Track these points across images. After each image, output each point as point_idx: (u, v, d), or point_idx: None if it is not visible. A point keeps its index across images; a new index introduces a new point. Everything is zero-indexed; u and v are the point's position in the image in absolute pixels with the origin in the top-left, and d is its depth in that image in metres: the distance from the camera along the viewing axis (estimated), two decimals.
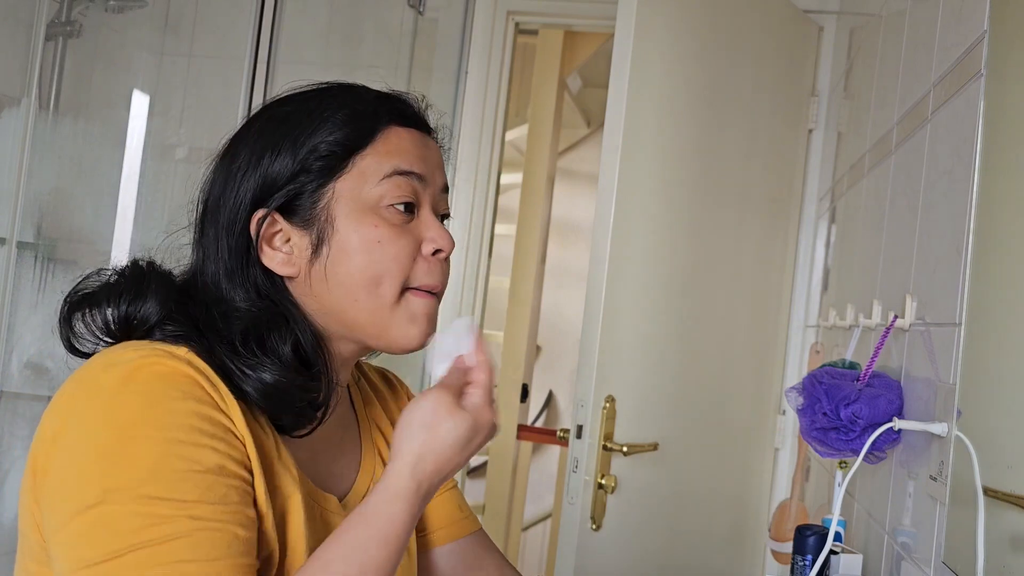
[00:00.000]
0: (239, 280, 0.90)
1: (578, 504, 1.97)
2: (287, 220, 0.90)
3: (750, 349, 2.49)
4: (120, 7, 2.65)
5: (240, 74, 2.42)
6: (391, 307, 0.90)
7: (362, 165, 0.91)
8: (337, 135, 0.91)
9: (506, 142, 2.97)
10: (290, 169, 0.90)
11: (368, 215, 0.90)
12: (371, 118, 0.93)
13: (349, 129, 0.91)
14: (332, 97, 0.95)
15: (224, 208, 0.91)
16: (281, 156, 0.90)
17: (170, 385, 0.79)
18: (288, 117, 0.93)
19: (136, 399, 0.78)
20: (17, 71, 2.34)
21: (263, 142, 0.92)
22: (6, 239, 2.33)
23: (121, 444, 0.76)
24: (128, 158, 2.56)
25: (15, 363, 2.39)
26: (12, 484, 2.34)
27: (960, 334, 1.10)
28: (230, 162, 0.93)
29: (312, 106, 0.93)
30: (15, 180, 2.32)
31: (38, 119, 2.40)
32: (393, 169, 0.91)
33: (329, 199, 0.90)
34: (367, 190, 0.90)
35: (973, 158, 1.12)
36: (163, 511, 0.75)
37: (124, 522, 0.74)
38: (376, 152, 0.92)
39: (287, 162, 0.90)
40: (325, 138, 0.90)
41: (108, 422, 0.77)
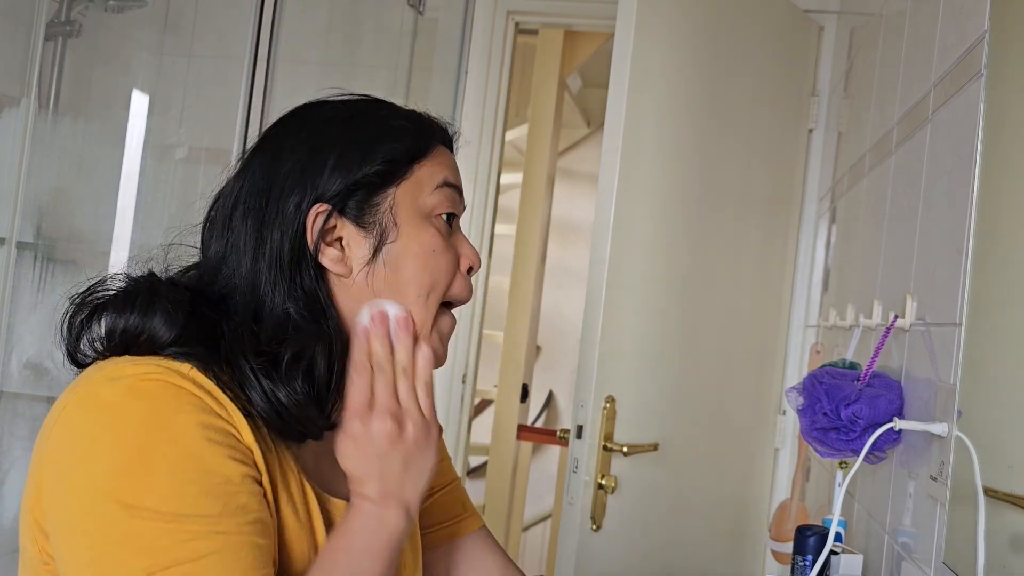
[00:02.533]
0: (284, 279, 0.88)
1: (578, 504, 1.97)
2: (350, 221, 0.90)
3: (750, 349, 2.49)
4: (120, 7, 2.65)
5: (240, 74, 2.42)
6: (432, 318, 0.92)
7: (419, 174, 0.93)
8: (404, 142, 0.93)
9: (506, 142, 2.97)
10: (355, 170, 0.90)
11: (426, 223, 0.92)
12: (427, 132, 0.96)
13: (411, 138, 0.93)
14: (387, 108, 0.97)
15: (272, 204, 0.90)
16: (346, 157, 0.90)
17: (174, 398, 0.79)
18: (349, 120, 0.93)
19: (142, 414, 0.77)
20: (17, 71, 2.34)
21: (323, 141, 0.91)
22: (6, 239, 2.33)
23: (136, 462, 0.76)
24: (128, 158, 2.56)
25: (15, 363, 2.39)
26: (12, 484, 2.33)
27: (960, 334, 1.10)
28: (273, 158, 0.92)
29: (373, 113, 0.95)
30: (15, 180, 2.32)
31: (38, 119, 2.40)
32: (444, 180, 0.94)
33: (390, 203, 0.91)
34: (423, 198, 0.92)
35: (973, 158, 1.12)
36: (190, 528, 0.75)
37: (154, 541, 0.74)
38: (432, 164, 0.94)
39: (353, 163, 0.90)
40: (391, 143, 0.92)
41: (118, 439, 0.76)
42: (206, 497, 0.76)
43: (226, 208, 0.92)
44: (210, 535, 0.75)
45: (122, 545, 0.74)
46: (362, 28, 2.87)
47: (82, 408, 0.79)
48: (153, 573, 0.73)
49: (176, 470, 0.76)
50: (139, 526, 0.74)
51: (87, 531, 0.75)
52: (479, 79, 2.78)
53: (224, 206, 0.93)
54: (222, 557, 0.75)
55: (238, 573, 0.76)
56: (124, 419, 0.77)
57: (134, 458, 0.76)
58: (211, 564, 0.75)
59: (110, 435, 0.77)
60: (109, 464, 0.76)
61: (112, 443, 0.76)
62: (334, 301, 0.90)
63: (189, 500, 0.76)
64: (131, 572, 0.73)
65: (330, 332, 0.88)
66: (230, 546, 0.76)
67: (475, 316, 2.78)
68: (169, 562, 0.74)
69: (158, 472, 0.76)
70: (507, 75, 2.81)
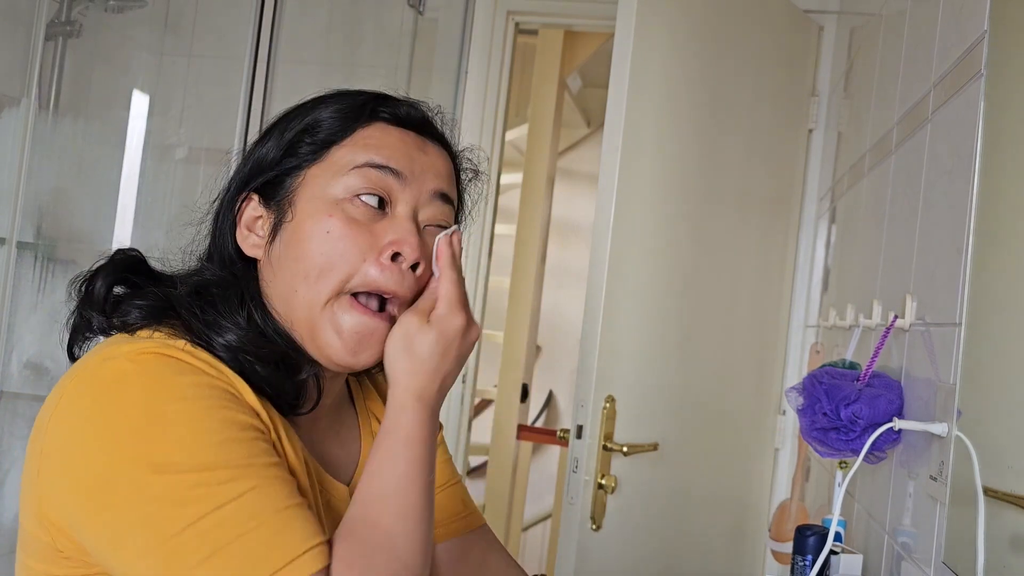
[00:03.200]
0: (221, 259, 0.94)
1: (578, 504, 1.97)
2: (264, 205, 0.93)
3: (750, 349, 2.49)
4: (120, 7, 2.65)
5: (240, 74, 2.42)
6: (322, 306, 0.88)
7: (336, 156, 0.91)
8: (322, 126, 0.92)
9: (506, 142, 2.97)
10: (274, 153, 0.92)
11: (327, 205, 0.89)
12: (355, 113, 0.93)
13: (333, 122, 0.92)
14: (332, 96, 0.96)
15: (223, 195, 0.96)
16: (270, 142, 0.93)
17: (173, 364, 0.80)
18: (290, 112, 0.96)
19: (144, 380, 0.78)
20: (17, 71, 2.34)
21: (262, 134, 0.96)
22: (6, 239, 2.33)
23: (151, 422, 0.76)
24: (128, 158, 2.56)
25: (15, 363, 2.39)
26: (12, 484, 2.33)
27: (960, 334, 1.10)
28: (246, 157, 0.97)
29: (312, 102, 0.95)
30: (15, 180, 2.32)
31: (38, 119, 2.40)
32: (365, 161, 0.90)
33: (295, 185, 0.91)
34: (335, 181, 0.89)
35: (973, 158, 1.12)
36: (222, 473, 0.75)
37: (190, 491, 0.74)
38: (353, 144, 0.91)
39: (273, 147, 0.93)
40: (310, 126, 0.92)
41: (125, 407, 0.77)
42: (228, 443, 0.77)
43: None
44: (243, 475, 0.76)
45: (161, 503, 0.74)
46: (362, 28, 2.87)
47: (81, 389, 0.80)
48: (200, 519, 0.73)
49: (192, 423, 0.77)
50: (172, 480, 0.74)
51: (120, 501, 0.75)
52: (479, 79, 2.78)
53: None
54: (260, 492, 0.76)
55: (279, 503, 0.76)
56: (127, 388, 0.78)
57: (147, 420, 0.76)
58: (251, 500, 0.75)
59: (116, 406, 0.77)
60: (123, 431, 0.76)
61: (121, 412, 0.77)
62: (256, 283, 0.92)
63: (213, 449, 0.76)
64: (178, 525, 0.73)
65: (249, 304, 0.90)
66: (264, 480, 0.77)
67: (475, 316, 2.78)
68: (212, 507, 0.74)
69: (175, 427, 0.76)
70: (507, 75, 2.81)
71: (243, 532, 0.73)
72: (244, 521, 0.74)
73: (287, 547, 0.74)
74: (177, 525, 0.73)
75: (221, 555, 0.73)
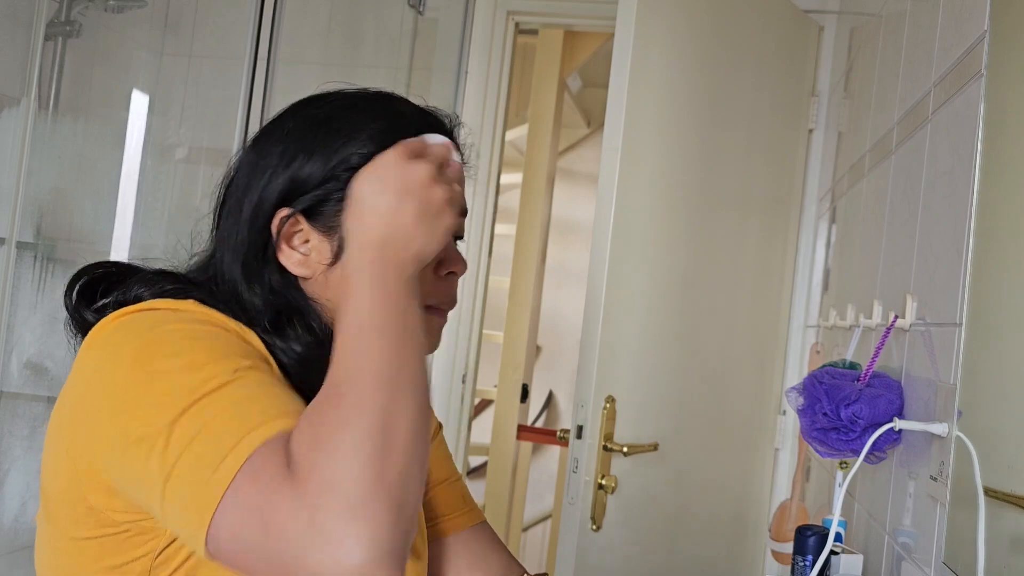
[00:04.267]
0: (253, 275, 0.90)
1: (578, 504, 1.97)
2: (309, 223, 0.90)
3: (750, 349, 2.49)
4: (120, 7, 2.65)
5: (240, 74, 2.42)
6: None
7: None
8: (370, 147, 0.89)
9: (506, 142, 2.97)
10: (320, 174, 0.89)
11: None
12: (403, 133, 0.91)
13: (381, 142, 0.89)
14: (371, 107, 0.94)
15: (248, 201, 0.91)
16: (313, 160, 0.90)
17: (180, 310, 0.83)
18: (326, 121, 0.92)
19: (149, 319, 0.81)
20: (17, 71, 2.34)
21: (297, 142, 0.91)
22: (6, 239, 2.33)
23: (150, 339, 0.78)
24: (128, 158, 2.56)
25: (15, 363, 2.38)
26: (12, 484, 2.33)
27: (960, 334, 1.10)
28: (258, 156, 0.93)
29: (350, 115, 0.92)
30: (15, 180, 2.32)
31: (38, 119, 2.40)
32: None
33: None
34: None
35: (973, 158, 1.12)
36: (212, 370, 0.75)
37: (182, 385, 0.74)
38: None
39: (318, 167, 0.89)
40: (358, 150, 0.89)
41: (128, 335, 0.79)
42: (223, 349, 0.78)
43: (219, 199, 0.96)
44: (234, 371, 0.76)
45: (156, 401, 0.74)
46: (362, 28, 2.87)
47: (92, 342, 0.83)
48: (190, 407, 0.73)
49: (190, 334, 0.79)
50: (168, 378, 0.75)
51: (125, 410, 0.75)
52: (479, 79, 2.78)
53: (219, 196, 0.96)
54: (249, 379, 0.76)
55: (277, 388, 0.77)
56: (133, 327, 0.81)
57: (146, 339, 0.79)
58: (243, 384, 0.75)
59: (119, 338, 0.80)
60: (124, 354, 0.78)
61: (122, 341, 0.79)
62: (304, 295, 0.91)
63: (205, 352, 0.77)
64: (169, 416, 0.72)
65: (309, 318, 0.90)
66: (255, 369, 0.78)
67: (475, 316, 2.78)
68: (201, 395, 0.73)
69: (171, 339, 0.78)
70: (507, 75, 2.81)
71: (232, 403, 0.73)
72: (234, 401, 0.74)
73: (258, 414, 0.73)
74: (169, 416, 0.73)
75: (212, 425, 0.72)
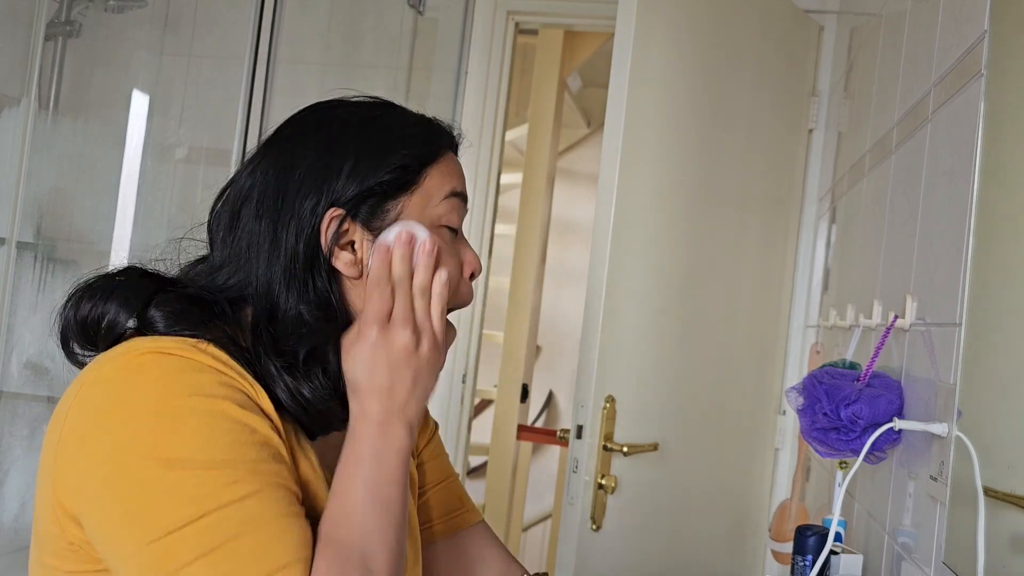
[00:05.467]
0: (297, 281, 0.89)
1: (578, 504, 1.97)
2: (362, 226, 0.91)
3: (750, 349, 2.49)
4: (120, 7, 2.65)
5: (240, 74, 2.42)
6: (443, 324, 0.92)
7: (429, 182, 0.94)
8: (415, 148, 0.93)
9: (506, 142, 2.97)
10: (370, 176, 0.91)
11: (432, 230, 0.93)
12: (437, 138, 0.97)
13: (422, 145, 0.94)
14: (399, 113, 0.98)
15: (287, 206, 0.90)
16: (361, 162, 0.91)
17: (192, 362, 0.81)
18: (365, 125, 0.94)
19: (161, 373, 0.79)
20: (17, 71, 2.34)
21: (339, 145, 0.92)
22: (6, 239, 2.33)
23: (164, 416, 0.77)
24: (128, 158, 2.56)
25: (15, 363, 2.38)
26: (12, 484, 2.33)
27: (960, 334, 1.10)
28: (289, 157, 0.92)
29: (387, 118, 0.96)
30: (15, 180, 2.32)
31: (38, 119, 2.40)
32: (451, 190, 0.95)
33: (400, 210, 0.92)
34: (431, 207, 0.94)
35: (973, 158, 1.12)
36: (229, 472, 0.77)
37: (197, 488, 0.75)
38: (440, 172, 0.95)
39: (368, 169, 0.91)
40: (404, 151, 0.93)
41: (141, 400, 0.78)
42: (238, 445, 0.78)
43: (236, 202, 0.93)
44: (248, 478, 0.77)
45: (167, 497, 0.75)
46: (362, 28, 2.87)
47: (99, 383, 0.81)
48: (201, 518, 0.75)
49: (205, 420, 0.78)
50: (180, 477, 0.76)
51: (128, 493, 0.76)
52: (479, 79, 2.78)
53: (234, 200, 0.93)
54: (263, 497, 0.77)
55: (280, 511, 0.78)
56: (144, 381, 0.79)
57: (161, 413, 0.77)
58: (253, 505, 0.76)
59: (132, 397, 0.78)
60: (137, 423, 0.77)
61: (136, 404, 0.78)
62: (345, 300, 0.92)
63: (223, 448, 0.77)
64: (179, 520, 0.75)
65: (340, 330, 0.90)
66: (269, 487, 0.78)
67: (475, 316, 2.78)
68: (215, 506, 0.75)
69: (188, 423, 0.77)
70: (507, 75, 2.81)
71: (239, 534, 0.75)
72: (242, 523, 0.75)
73: (276, 555, 0.76)
74: (179, 520, 0.75)
75: (214, 555, 0.74)
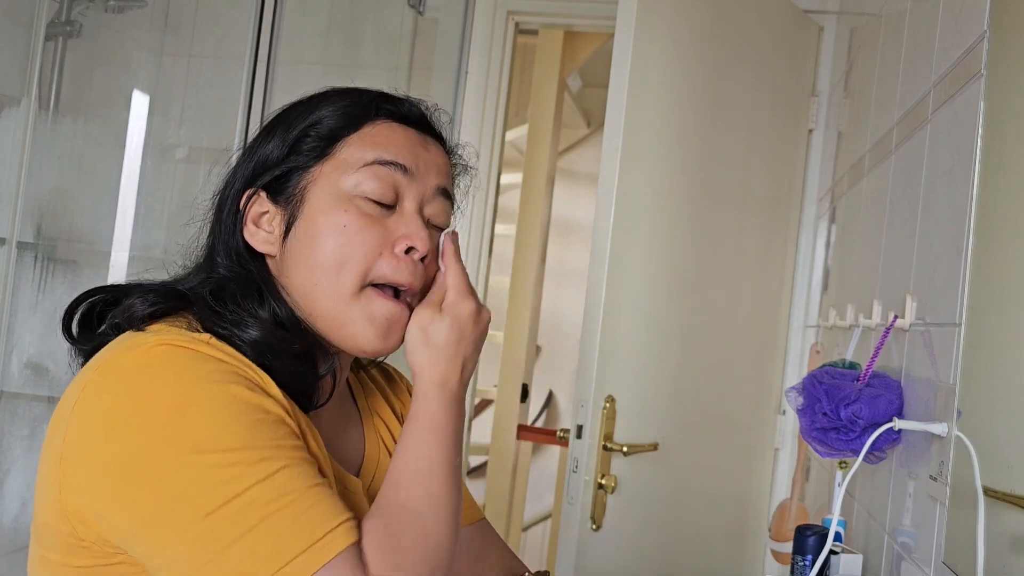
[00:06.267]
0: (229, 255, 0.94)
1: (578, 504, 1.97)
2: (272, 201, 0.94)
3: (750, 349, 2.49)
4: (120, 7, 2.65)
5: (240, 74, 2.42)
6: (349, 298, 0.90)
7: (345, 153, 0.93)
8: (327, 122, 0.94)
9: (506, 142, 2.97)
10: (279, 151, 0.94)
11: (340, 201, 0.91)
12: (362, 110, 0.95)
13: (339, 118, 0.94)
14: (335, 94, 0.98)
15: (225, 192, 0.97)
16: (273, 139, 0.95)
17: (199, 354, 0.82)
18: (290, 109, 0.98)
19: (172, 364, 0.80)
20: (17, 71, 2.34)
21: (263, 131, 0.97)
22: (6, 239, 2.33)
23: (185, 405, 0.78)
24: (128, 158, 2.56)
25: (15, 363, 2.38)
26: (12, 484, 2.33)
27: (960, 334, 1.10)
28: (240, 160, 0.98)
29: (313, 100, 0.97)
30: (15, 180, 2.32)
31: (38, 119, 2.40)
32: (375, 158, 0.93)
33: (307, 182, 0.93)
34: (345, 177, 0.92)
35: (973, 158, 1.12)
36: (255, 453, 0.77)
37: (228, 469, 0.76)
38: (361, 141, 0.94)
39: (277, 144, 0.94)
40: (314, 123, 0.94)
41: (156, 393, 0.78)
42: (259, 427, 0.79)
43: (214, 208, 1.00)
44: (273, 455, 0.78)
45: (199, 484, 0.76)
46: (362, 28, 2.87)
47: (106, 377, 0.81)
48: (236, 497, 0.75)
49: (222, 404, 0.79)
50: (207, 460, 0.76)
51: (154, 483, 0.76)
52: (479, 79, 2.78)
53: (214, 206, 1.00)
54: (289, 471, 0.78)
55: (307, 481, 0.78)
56: (154, 374, 0.79)
57: (181, 403, 0.78)
58: (281, 479, 0.77)
59: (145, 391, 0.79)
60: (155, 414, 0.77)
61: (150, 396, 0.78)
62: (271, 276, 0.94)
63: (244, 429, 0.78)
64: (215, 503, 0.75)
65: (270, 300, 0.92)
66: (292, 460, 0.79)
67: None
68: (245, 486, 0.76)
69: (202, 411, 0.78)
70: (507, 75, 2.81)
71: (275, 510, 0.76)
72: (276, 499, 0.76)
73: (318, 523, 0.76)
74: (212, 504, 0.75)
75: (255, 532, 0.75)
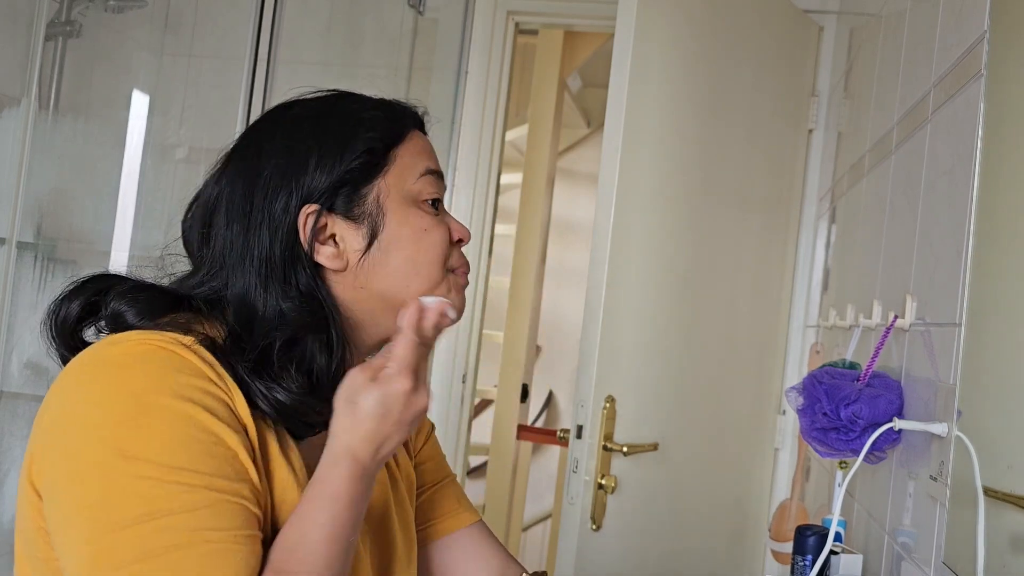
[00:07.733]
0: (277, 281, 0.90)
1: (578, 504, 1.97)
2: (343, 217, 0.93)
3: (750, 349, 2.49)
4: (120, 7, 2.65)
5: (240, 74, 2.42)
6: (438, 284, 0.95)
7: (400, 162, 0.95)
8: (378, 131, 0.95)
9: (506, 142, 2.97)
10: (338, 166, 0.92)
11: (414, 207, 0.95)
12: (400, 119, 0.98)
13: (385, 126, 0.96)
14: (356, 99, 0.98)
15: (257, 209, 0.91)
16: (326, 153, 0.92)
17: (175, 359, 0.81)
18: (322, 116, 0.95)
19: (142, 368, 0.80)
20: (17, 71, 2.34)
21: (299, 141, 0.93)
22: (6, 239, 2.33)
23: (136, 412, 0.77)
24: (128, 158, 2.56)
25: (15, 363, 2.39)
26: (12, 484, 2.34)
27: (960, 334, 1.10)
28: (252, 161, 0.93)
29: (343, 107, 0.97)
30: (15, 180, 2.32)
31: (38, 119, 2.40)
32: (426, 168, 0.97)
33: (377, 193, 0.93)
34: (409, 186, 0.95)
35: (973, 158, 1.12)
36: (186, 480, 0.77)
37: (151, 489, 0.76)
38: (409, 151, 0.97)
39: (334, 159, 0.92)
40: (367, 134, 0.94)
41: (117, 391, 0.78)
42: (202, 455, 0.78)
43: (205, 214, 0.94)
44: (205, 489, 0.77)
45: (122, 492, 0.76)
46: (362, 28, 2.87)
47: (83, 369, 0.82)
48: (148, 519, 0.75)
49: (175, 424, 0.78)
50: (138, 473, 0.76)
51: (85, 479, 0.77)
52: (479, 79, 2.78)
53: (203, 211, 0.94)
54: (215, 511, 0.77)
55: (230, 527, 0.78)
56: (124, 373, 0.79)
57: (134, 409, 0.78)
58: (204, 516, 0.77)
59: (111, 387, 0.79)
60: (109, 413, 0.78)
61: (112, 394, 0.78)
62: (332, 294, 0.93)
63: (186, 454, 0.78)
64: (126, 518, 0.75)
65: (327, 322, 0.91)
66: (223, 501, 0.78)
67: (475, 316, 2.78)
68: (165, 511, 0.75)
69: (157, 424, 0.78)
70: (507, 75, 2.81)
71: (185, 544, 0.75)
72: (192, 533, 0.76)
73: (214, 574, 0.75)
74: (129, 517, 0.75)
75: (154, 561, 0.74)
